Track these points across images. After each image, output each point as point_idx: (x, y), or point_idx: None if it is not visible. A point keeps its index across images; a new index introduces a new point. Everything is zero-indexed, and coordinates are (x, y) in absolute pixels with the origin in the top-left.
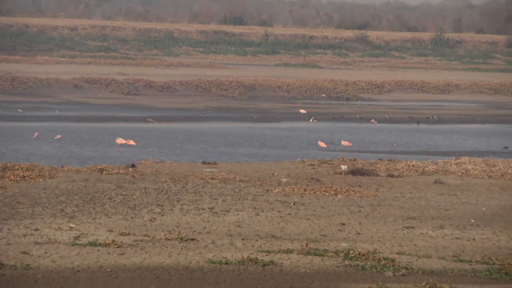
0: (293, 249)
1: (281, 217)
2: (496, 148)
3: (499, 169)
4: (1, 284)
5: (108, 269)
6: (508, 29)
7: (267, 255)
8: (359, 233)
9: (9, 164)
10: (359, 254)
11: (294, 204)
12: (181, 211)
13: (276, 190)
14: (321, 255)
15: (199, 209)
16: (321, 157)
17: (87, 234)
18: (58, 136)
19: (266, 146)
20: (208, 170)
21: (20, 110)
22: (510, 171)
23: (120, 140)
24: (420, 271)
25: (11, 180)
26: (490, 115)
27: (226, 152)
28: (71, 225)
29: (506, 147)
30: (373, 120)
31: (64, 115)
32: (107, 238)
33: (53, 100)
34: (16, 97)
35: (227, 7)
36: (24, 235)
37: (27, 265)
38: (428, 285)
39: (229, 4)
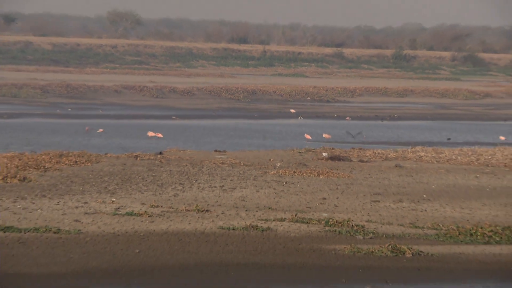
0: (285, 218)
1: (276, 193)
2: (442, 139)
3: (445, 155)
4: (59, 244)
5: (142, 233)
6: (452, 47)
7: (265, 223)
8: (336, 206)
9: (64, 152)
10: (336, 222)
11: (286, 183)
12: (198, 188)
13: (272, 172)
14: (307, 222)
15: (212, 187)
16: (307, 146)
17: (125, 206)
18: (101, 130)
19: (264, 137)
20: (219, 156)
21: (69, 110)
22: (453, 157)
23: (150, 133)
24: (384, 235)
25: (66, 164)
26: (438, 113)
27: (233, 142)
28: (113, 199)
29: (449, 139)
30: (347, 118)
31: (106, 114)
32: (141, 209)
33: (98, 102)
34: (69, 100)
35: (234, 30)
36: (76, 207)
37: (79, 230)
38: (390, 246)
39: (236, 27)
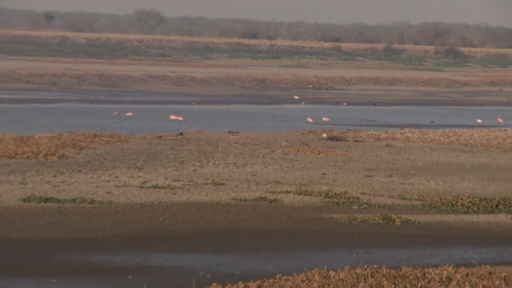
0: (290, 191)
1: (282, 169)
2: (426, 122)
3: (429, 136)
4: (93, 214)
5: (165, 204)
6: (435, 42)
7: (273, 195)
8: (335, 180)
9: (97, 132)
10: (335, 194)
11: (291, 160)
12: (214, 165)
13: (279, 151)
14: (309, 194)
15: (226, 164)
16: (309, 128)
17: (150, 180)
18: (129, 114)
19: (271, 120)
20: (232, 137)
21: (101, 96)
22: (436, 138)
23: (172, 117)
24: (376, 206)
25: (99, 143)
26: (423, 99)
27: (245, 125)
28: (140, 174)
29: (432, 122)
30: (344, 103)
31: (134, 100)
32: (164, 183)
33: (127, 89)
34: (101, 87)
35: (245, 27)
36: (108, 181)
37: (110, 201)
38: (381, 215)
39: (246, 24)
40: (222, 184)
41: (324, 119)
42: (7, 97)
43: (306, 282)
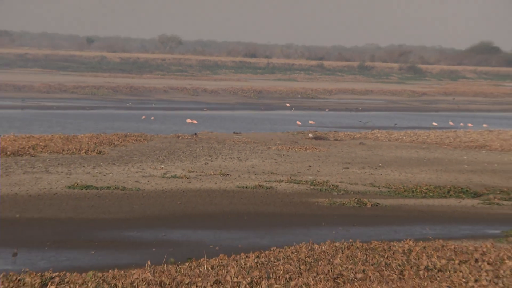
0: (282, 180)
1: (276, 162)
2: (392, 124)
3: (394, 136)
4: (124, 198)
5: (182, 190)
6: (399, 60)
7: (268, 183)
8: (318, 171)
9: (128, 133)
10: (318, 182)
11: (283, 155)
12: (221, 159)
13: (273, 148)
14: (298, 183)
15: (231, 158)
16: (298, 129)
17: (170, 171)
18: (153, 118)
19: (268, 123)
20: (236, 137)
21: (129, 104)
22: (400, 137)
23: (188, 120)
24: (352, 192)
25: (129, 142)
26: (389, 107)
27: (246, 127)
28: (162, 166)
29: (395, 124)
30: (327, 109)
31: (157, 107)
32: (181, 173)
33: (151, 98)
34: (131, 97)
35: (247, 48)
36: (136, 172)
37: (138, 188)
38: (356, 200)
39: (248, 46)
40: (228, 174)
41: (310, 122)
42: (56, 104)
43: (295, 253)
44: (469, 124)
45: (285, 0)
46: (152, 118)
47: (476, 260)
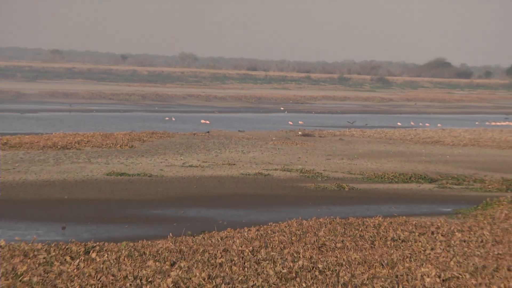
0: (277, 168)
1: (272, 154)
2: (362, 124)
3: (367, 133)
4: (151, 183)
5: (197, 177)
6: (371, 73)
7: (266, 171)
8: (306, 161)
9: (154, 131)
10: (306, 170)
11: (278, 149)
12: (229, 152)
13: (270, 143)
14: (290, 171)
15: (237, 151)
16: (290, 128)
17: (188, 161)
18: (173, 119)
19: (266, 123)
20: (240, 134)
21: (156, 108)
22: (371, 134)
23: (202, 121)
24: (333, 178)
25: (155, 138)
26: (362, 110)
27: (249, 126)
28: (181, 157)
29: (366, 124)
30: (313, 112)
31: (177, 110)
32: (197, 163)
33: (173, 103)
34: (157, 102)
35: (249, 63)
36: (161, 162)
37: (162, 175)
38: (336, 184)
39: (250, 62)
40: (234, 164)
41: (300, 122)
42: (97, 108)
43: (288, 227)
44: (427, 124)
45: (280, 25)
46: (173, 119)
47: (432, 233)
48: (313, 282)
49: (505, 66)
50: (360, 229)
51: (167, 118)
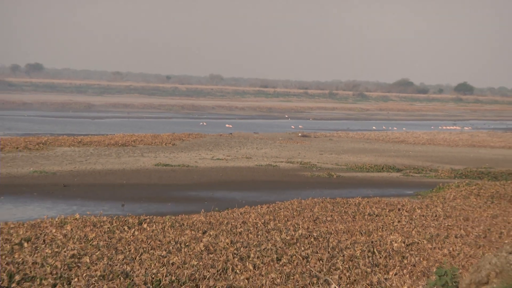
0: (282, 161)
1: (279, 150)
2: (346, 128)
3: (350, 135)
4: (188, 172)
5: (222, 167)
6: (353, 90)
7: (274, 163)
8: (304, 156)
9: (190, 133)
10: (304, 163)
11: (283, 146)
12: (246, 148)
13: (277, 142)
14: (292, 163)
15: (252, 148)
16: (292, 131)
17: (215, 156)
18: (205, 124)
19: (274, 127)
20: (255, 135)
21: (191, 115)
22: (353, 136)
23: (227, 125)
24: (324, 168)
25: (192, 138)
26: (346, 117)
27: (261, 129)
28: (211, 153)
29: (348, 128)
30: (310, 118)
31: (208, 117)
32: (222, 157)
33: (204, 112)
34: (193, 111)
35: (262, 82)
36: (195, 156)
37: (196, 166)
38: (327, 173)
39: (262, 81)
40: (250, 158)
41: (300, 126)
42: (148, 116)
43: (290, 205)
44: (395, 128)
45: (285, 53)
46: (205, 123)
47: (399, 209)
48: (309, 246)
49: (453, 84)
50: (344, 207)
51: (201, 123)
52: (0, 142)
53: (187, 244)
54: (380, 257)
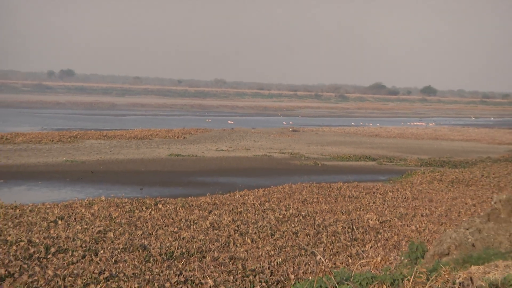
0: (276, 152)
1: (273, 143)
2: (328, 124)
3: (333, 129)
4: (196, 161)
5: (225, 157)
6: (335, 92)
7: (269, 153)
8: (294, 147)
9: (198, 128)
10: (294, 153)
11: (276, 139)
12: (245, 141)
13: (271, 135)
14: (284, 153)
15: (250, 140)
16: (284, 126)
17: (220, 147)
18: (210, 120)
19: (269, 123)
20: (253, 130)
21: (198, 112)
22: (335, 130)
23: (229, 121)
24: (311, 158)
25: (199, 132)
26: (330, 114)
27: (258, 125)
28: (215, 145)
29: (330, 124)
30: (299, 116)
31: (213, 115)
32: (225, 148)
33: (210, 111)
34: (200, 110)
35: (259, 85)
36: (202, 147)
37: (203, 156)
38: (313, 162)
39: (259, 84)
40: (248, 149)
41: (290, 122)
42: (162, 114)
43: (282, 189)
44: (370, 124)
45: (277, 59)
46: (210, 120)
47: (374, 192)
48: (298, 224)
49: (420, 87)
50: (328, 190)
51: (207, 120)
52: (38, 136)
53: (195, 221)
54: (358, 233)
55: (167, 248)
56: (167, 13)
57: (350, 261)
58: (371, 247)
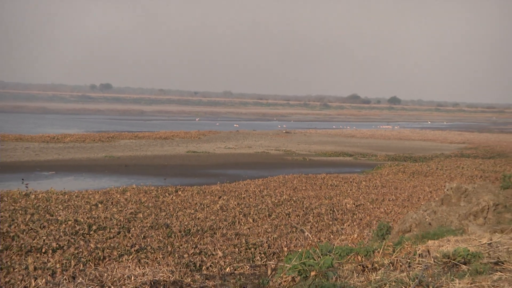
0: (273, 149)
1: (270, 142)
2: (314, 127)
3: (318, 131)
4: (208, 156)
5: (232, 153)
6: (319, 101)
7: (267, 151)
8: (287, 146)
9: (210, 130)
10: (287, 150)
11: (273, 139)
12: (248, 141)
13: (269, 136)
14: (279, 151)
15: (252, 140)
16: (279, 129)
17: (227, 146)
18: (218, 124)
19: (267, 127)
20: (254, 131)
21: (208, 117)
22: (320, 132)
23: (235, 125)
24: (301, 154)
25: (211, 134)
26: (315, 120)
27: (259, 128)
28: (224, 144)
29: (315, 127)
30: (292, 121)
31: (222, 119)
32: (232, 146)
33: (219, 116)
34: (212, 115)
35: (258, 96)
36: (213, 146)
37: (214, 152)
38: (302, 158)
39: (259, 95)
40: (251, 147)
41: (284, 126)
42: (181, 119)
43: (277, 179)
44: (348, 127)
45: (274, 75)
46: (218, 124)
47: (351, 182)
48: (290, 207)
49: (387, 97)
50: (314, 180)
51: (217, 124)
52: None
53: (208, 205)
54: (338, 214)
55: (185, 226)
56: (187, 38)
57: (332, 236)
58: (348, 225)
